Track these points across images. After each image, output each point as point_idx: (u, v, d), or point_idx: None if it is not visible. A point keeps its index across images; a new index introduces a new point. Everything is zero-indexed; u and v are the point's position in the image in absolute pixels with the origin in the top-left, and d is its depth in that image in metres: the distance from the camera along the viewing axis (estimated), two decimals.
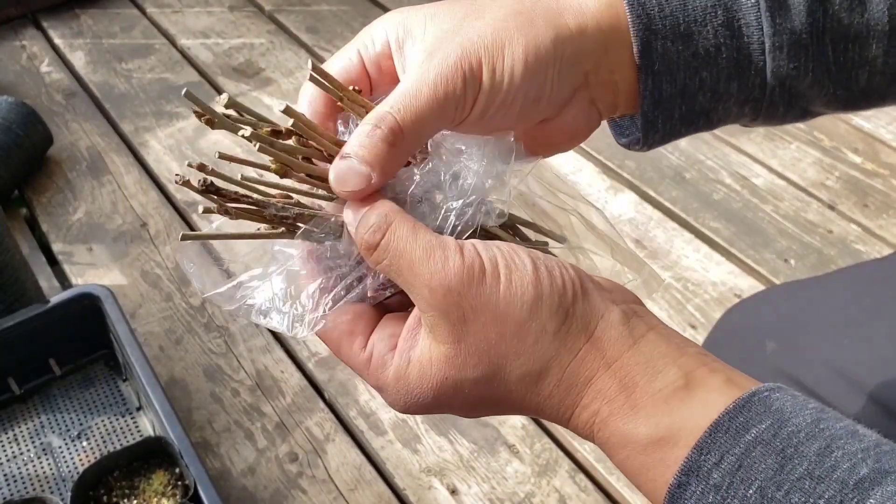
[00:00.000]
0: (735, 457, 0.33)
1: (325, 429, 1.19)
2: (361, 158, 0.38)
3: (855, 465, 0.32)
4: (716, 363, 0.37)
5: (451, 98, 0.39)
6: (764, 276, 1.40)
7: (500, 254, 0.37)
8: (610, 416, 0.36)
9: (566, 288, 0.37)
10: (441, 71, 0.39)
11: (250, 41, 1.98)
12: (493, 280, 0.37)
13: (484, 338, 0.37)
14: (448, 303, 0.37)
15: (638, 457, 0.36)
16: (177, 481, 1.06)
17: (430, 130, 0.40)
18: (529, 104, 0.41)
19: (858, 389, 0.60)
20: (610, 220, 0.45)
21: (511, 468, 1.14)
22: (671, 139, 0.47)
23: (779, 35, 0.42)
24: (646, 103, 0.44)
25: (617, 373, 0.36)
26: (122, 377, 1.21)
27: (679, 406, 0.35)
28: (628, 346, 0.37)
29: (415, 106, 0.38)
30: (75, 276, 1.43)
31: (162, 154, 1.68)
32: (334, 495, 1.11)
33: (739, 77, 0.43)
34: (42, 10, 2.07)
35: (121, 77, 1.88)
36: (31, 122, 1.58)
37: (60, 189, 1.60)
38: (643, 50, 0.42)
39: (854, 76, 0.44)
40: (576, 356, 0.37)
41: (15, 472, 1.11)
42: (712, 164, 1.61)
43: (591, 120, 0.45)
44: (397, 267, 0.38)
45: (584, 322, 0.37)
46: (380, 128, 0.38)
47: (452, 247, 0.37)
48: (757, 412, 0.34)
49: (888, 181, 1.57)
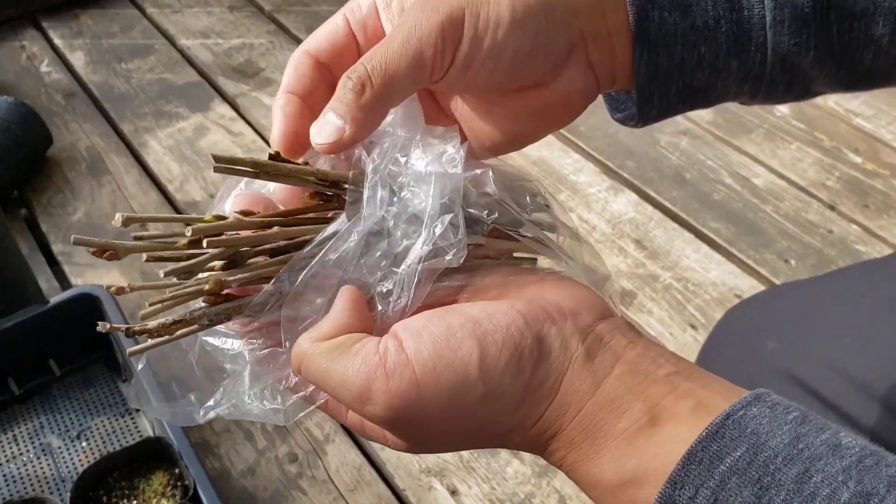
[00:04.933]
0: (710, 490, 0.32)
1: (324, 429, 1.19)
2: (335, 111, 0.38)
3: (835, 491, 0.30)
4: (687, 383, 0.35)
5: (426, 45, 0.38)
6: (764, 276, 1.40)
7: (435, 352, 0.35)
8: (576, 462, 0.36)
9: (522, 359, 0.35)
10: (416, 19, 0.38)
11: (250, 41, 1.98)
12: (433, 394, 0.35)
13: (440, 436, 0.37)
14: (388, 423, 0.36)
15: (608, 498, 0.35)
16: (176, 482, 1.05)
17: (404, 81, 0.38)
18: (522, 57, 0.39)
19: (860, 389, 0.60)
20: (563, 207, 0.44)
21: (511, 469, 1.14)
22: (667, 116, 0.45)
23: (780, 9, 0.40)
24: (641, 76, 0.42)
25: (580, 422, 0.35)
26: (122, 377, 1.21)
27: (644, 445, 0.34)
28: (591, 392, 0.35)
29: (385, 55, 0.38)
30: (75, 276, 1.42)
31: (162, 154, 1.67)
32: (334, 496, 1.11)
33: (739, 53, 0.42)
34: (42, 10, 2.07)
35: (120, 77, 1.88)
36: (31, 122, 1.58)
37: (60, 189, 1.60)
38: (639, 18, 0.40)
39: (859, 55, 0.42)
40: (539, 420, 0.36)
41: (14, 472, 1.11)
42: (712, 165, 1.61)
43: (588, 85, 0.43)
44: (330, 394, 0.38)
45: (548, 387, 0.36)
46: (350, 79, 0.38)
47: (373, 367, 0.35)
48: (731, 438, 0.32)
49: (889, 181, 1.57)
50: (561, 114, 0.44)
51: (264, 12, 2.08)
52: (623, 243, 1.46)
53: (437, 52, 0.38)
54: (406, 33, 0.38)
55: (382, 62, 0.37)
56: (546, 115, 0.43)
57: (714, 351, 0.75)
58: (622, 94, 0.46)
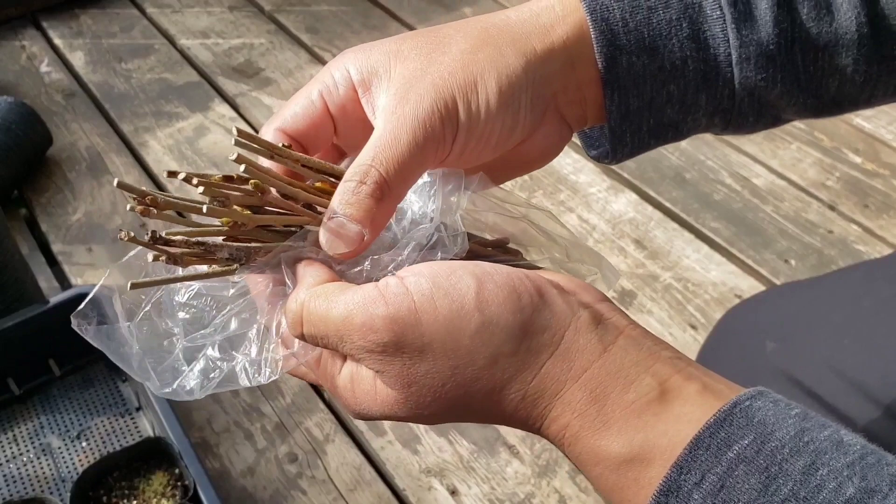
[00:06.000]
0: (717, 476, 0.32)
1: (324, 429, 1.19)
2: (351, 217, 0.37)
3: (841, 485, 0.30)
4: (690, 368, 0.35)
5: (431, 141, 0.38)
6: (764, 276, 1.40)
7: (434, 283, 0.35)
8: (581, 431, 0.35)
9: (522, 301, 0.35)
10: (417, 115, 0.38)
11: (250, 41, 1.98)
12: (430, 317, 0.35)
13: (436, 375, 0.35)
14: (388, 355, 0.35)
15: (611, 476, 0.34)
16: (176, 482, 1.06)
17: (415, 176, 0.39)
18: (506, 133, 0.41)
19: (859, 390, 0.60)
20: (561, 221, 0.45)
21: (511, 469, 1.14)
22: (641, 151, 0.46)
23: (745, 47, 0.42)
24: (612, 117, 0.43)
25: (587, 384, 0.35)
26: (122, 378, 1.21)
27: (653, 420, 0.34)
28: (598, 354, 0.35)
29: (397, 155, 0.37)
30: (75, 276, 1.42)
31: (161, 154, 1.67)
32: (334, 496, 1.11)
33: (707, 89, 0.43)
34: (42, 10, 2.07)
35: (120, 77, 1.88)
36: (31, 122, 1.58)
37: (60, 189, 1.60)
38: (608, 66, 0.42)
39: (825, 84, 0.44)
40: (539, 371, 0.35)
41: (14, 472, 1.11)
42: (713, 165, 1.61)
43: (562, 135, 0.45)
44: (331, 345, 0.37)
45: (549, 335, 0.35)
46: (365, 183, 0.37)
47: (372, 298, 0.35)
48: (739, 426, 0.32)
49: (888, 181, 1.57)
50: (538, 161, 0.46)
51: (264, 12, 2.08)
52: (623, 243, 1.46)
53: (441, 145, 0.39)
54: (411, 130, 0.38)
55: (397, 163, 0.37)
56: (524, 163, 0.45)
57: (713, 351, 0.75)
58: (595, 131, 0.47)
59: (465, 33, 0.41)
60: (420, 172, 0.39)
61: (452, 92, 0.39)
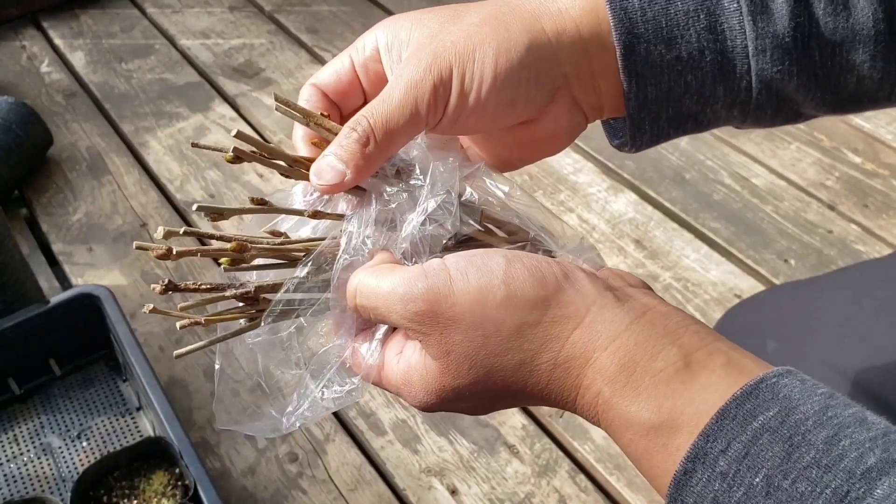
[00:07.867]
0: (742, 444, 0.33)
1: (324, 429, 1.19)
2: (338, 157, 0.42)
3: (863, 455, 0.32)
4: (718, 342, 0.37)
5: (421, 103, 0.41)
6: (764, 276, 1.40)
7: (469, 261, 0.39)
8: (612, 397, 0.37)
9: (546, 279, 0.38)
10: (411, 77, 0.41)
11: (250, 41, 1.98)
12: (462, 288, 0.38)
13: (469, 343, 0.39)
14: (427, 324, 0.39)
15: (640, 441, 0.36)
16: (177, 481, 1.06)
17: (403, 134, 0.42)
18: (503, 108, 0.43)
19: (859, 389, 0.60)
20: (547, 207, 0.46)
21: (511, 468, 1.14)
22: (661, 140, 0.47)
23: (761, 38, 0.42)
24: (631, 105, 0.44)
25: (616, 353, 0.37)
26: (122, 377, 1.21)
27: (681, 388, 0.35)
28: (625, 325, 0.37)
29: (386, 111, 0.41)
30: (75, 276, 1.43)
31: (162, 154, 1.68)
32: (334, 495, 1.11)
33: (724, 80, 0.44)
34: (42, 10, 2.07)
35: (121, 77, 1.88)
36: (31, 122, 1.58)
37: (60, 189, 1.60)
38: (626, 53, 0.43)
39: (843, 81, 0.44)
40: (566, 341, 0.38)
41: (15, 472, 1.11)
42: (712, 165, 1.61)
43: (574, 122, 0.46)
44: (381, 315, 0.41)
45: (573, 309, 0.38)
46: (355, 130, 0.41)
47: (415, 273, 0.40)
48: (764, 399, 0.34)
49: (888, 181, 1.57)
50: (550, 145, 0.47)
51: (264, 12, 2.08)
52: (623, 243, 1.46)
53: (430, 108, 0.42)
54: (403, 90, 0.41)
55: (384, 118, 0.41)
56: (535, 146, 0.47)
57: None
58: (619, 122, 0.48)
59: (479, 8, 0.44)
60: (409, 131, 0.42)
61: (449, 59, 0.42)
